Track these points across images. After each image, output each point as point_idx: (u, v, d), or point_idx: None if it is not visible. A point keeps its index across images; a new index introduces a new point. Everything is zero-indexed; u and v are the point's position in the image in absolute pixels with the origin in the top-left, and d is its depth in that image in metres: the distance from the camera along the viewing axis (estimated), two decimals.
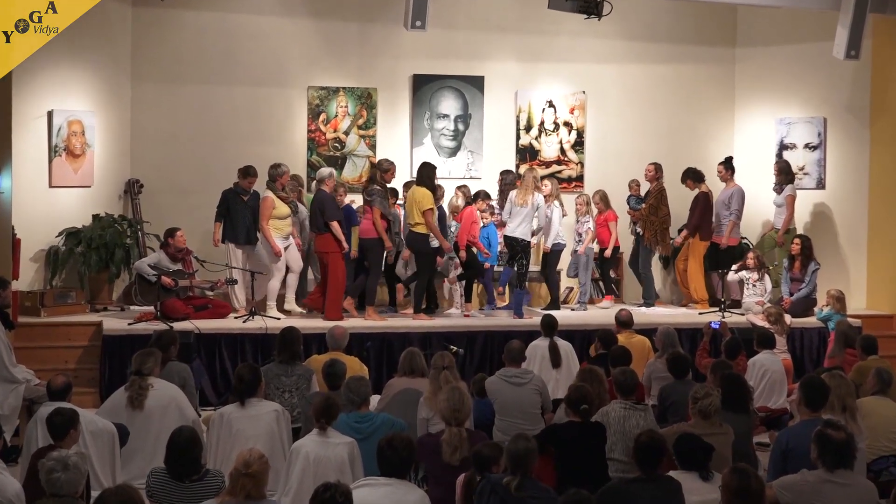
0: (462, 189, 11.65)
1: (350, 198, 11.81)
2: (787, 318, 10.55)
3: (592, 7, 10.53)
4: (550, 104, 12.99)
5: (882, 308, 12.01)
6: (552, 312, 10.26)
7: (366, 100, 12.53)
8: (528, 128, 12.95)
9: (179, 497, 5.45)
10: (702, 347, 9.54)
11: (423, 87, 12.68)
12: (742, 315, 11.23)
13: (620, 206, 12.35)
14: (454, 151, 12.79)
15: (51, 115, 10.84)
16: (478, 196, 11.45)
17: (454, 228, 11.26)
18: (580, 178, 13.03)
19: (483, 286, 11.73)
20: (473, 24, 12.79)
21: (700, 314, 11.45)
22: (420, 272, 10.83)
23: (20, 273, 10.27)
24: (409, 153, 12.61)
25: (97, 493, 5.17)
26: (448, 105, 12.74)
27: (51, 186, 10.90)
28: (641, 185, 12.34)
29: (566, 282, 12.25)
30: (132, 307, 10.76)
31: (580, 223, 11.88)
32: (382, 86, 12.61)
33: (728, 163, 12.16)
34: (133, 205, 11.71)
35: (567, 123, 13.03)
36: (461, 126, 12.79)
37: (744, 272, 11.70)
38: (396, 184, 11.38)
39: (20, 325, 9.77)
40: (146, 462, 6.86)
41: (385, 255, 11.01)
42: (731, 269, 11.77)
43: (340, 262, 10.56)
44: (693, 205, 12.07)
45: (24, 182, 10.54)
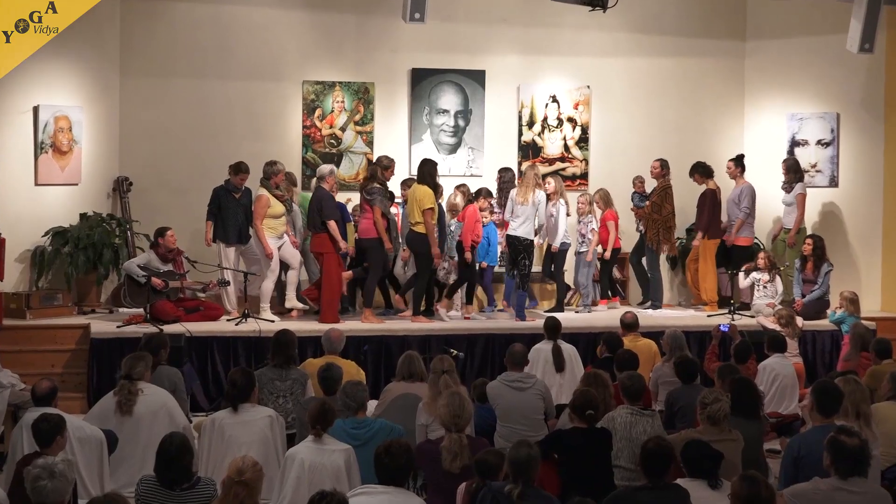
0: (461, 188, 11.65)
1: (347, 196, 11.83)
2: (799, 321, 10.56)
3: None
4: (554, 99, 12.99)
5: None
6: (556, 315, 10.26)
7: (363, 94, 12.53)
8: (531, 124, 12.95)
9: None
10: (710, 351, 9.55)
11: (422, 82, 12.68)
12: (752, 317, 11.24)
13: (625, 205, 12.35)
14: (454, 148, 12.78)
15: (37, 111, 10.83)
16: (479, 194, 11.45)
17: (454, 227, 11.26)
18: (584, 176, 13.03)
19: (483, 288, 11.73)
20: (474, 17, 12.79)
21: (709, 316, 11.45)
22: (420, 274, 10.83)
23: (5, 274, 10.25)
24: (408, 150, 12.60)
25: (84, 503, 5.17)
26: (448, 100, 12.74)
27: (37, 184, 10.89)
28: (646, 182, 12.34)
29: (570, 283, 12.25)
30: (121, 309, 10.76)
31: (582, 223, 11.88)
32: (380, 80, 12.61)
33: (739, 160, 12.15)
34: (122, 203, 11.71)
35: (571, 119, 13.03)
36: (461, 122, 12.79)
37: (754, 273, 11.69)
38: (394, 181, 11.37)
39: (5, 328, 9.77)
40: (135, 470, 6.86)
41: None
42: (741, 271, 11.76)
43: (335, 264, 10.56)
44: (700, 203, 12.07)
45: (9, 180, 10.55)
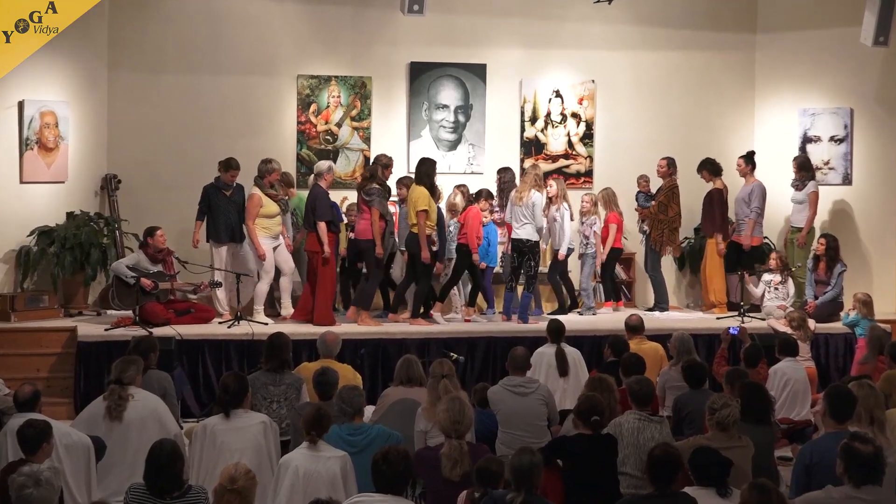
0: (460, 188, 11.63)
1: (343, 194, 11.82)
2: (811, 324, 10.55)
3: None
4: (557, 94, 12.99)
5: None
6: (559, 317, 10.26)
7: (360, 89, 12.53)
8: (534, 119, 12.96)
9: None
10: (719, 355, 9.55)
11: (421, 76, 12.68)
12: (763, 320, 11.23)
13: (630, 204, 12.35)
14: (454, 145, 12.79)
15: (22, 106, 10.83)
16: (480, 195, 11.43)
17: (453, 228, 11.26)
18: (589, 174, 13.04)
19: (482, 290, 11.72)
20: (475, 9, 12.79)
21: (718, 319, 11.45)
22: (421, 276, 10.82)
23: None
24: (406, 146, 12.61)
25: None
26: (448, 95, 12.75)
27: (22, 182, 10.90)
28: (652, 182, 12.34)
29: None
30: (109, 311, 10.77)
31: (585, 224, 11.87)
32: (377, 74, 12.61)
33: (749, 157, 12.14)
34: (110, 202, 11.72)
35: (575, 115, 13.03)
36: (462, 117, 12.79)
37: (766, 275, 11.68)
38: (391, 180, 11.36)
39: None
40: (124, 478, 6.85)
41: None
42: (755, 273, 11.74)
43: (330, 264, 10.56)
44: (706, 202, 12.07)
45: None
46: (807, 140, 12.89)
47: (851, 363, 10.32)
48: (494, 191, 11.80)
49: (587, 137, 13.08)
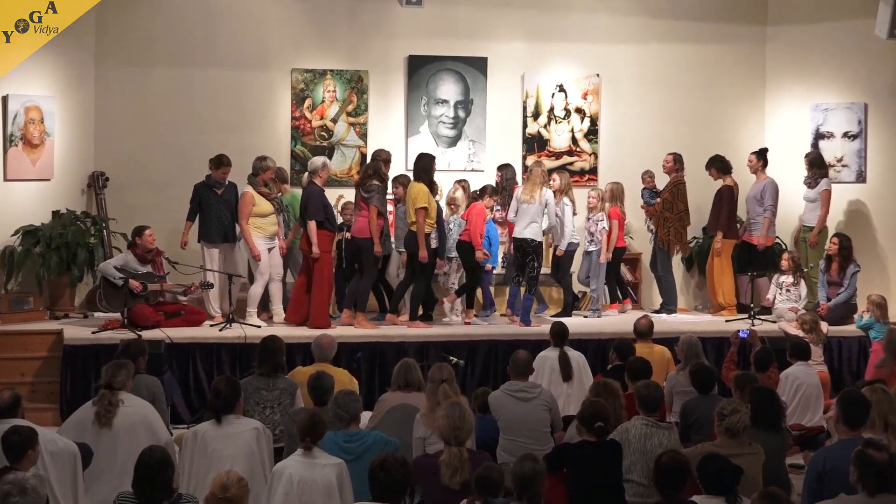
0: (461, 182, 11.64)
1: (339, 192, 11.81)
2: (824, 327, 10.55)
3: None
4: (561, 88, 13.00)
5: None
6: (563, 320, 10.25)
7: (356, 84, 12.54)
8: (536, 115, 12.96)
9: None
10: (729, 359, 9.54)
11: (420, 70, 12.69)
12: (774, 323, 11.24)
13: (635, 202, 12.35)
14: (454, 141, 12.79)
15: (6, 101, 10.84)
16: (484, 192, 11.43)
17: (453, 225, 11.25)
18: (594, 171, 13.04)
19: (481, 290, 11.72)
20: (475, 0, 12.79)
21: (727, 321, 11.45)
22: (419, 276, 10.83)
23: None
24: (404, 143, 12.61)
25: None
26: (447, 89, 12.75)
27: (5, 180, 10.90)
28: (657, 178, 12.33)
29: (577, 286, 12.23)
30: (96, 314, 10.76)
31: (591, 221, 11.88)
32: (374, 68, 12.62)
33: (761, 153, 12.11)
34: (97, 200, 11.72)
35: (579, 110, 13.04)
36: (462, 113, 12.80)
37: (777, 276, 11.67)
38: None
39: None
40: (112, 486, 6.83)
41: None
42: (764, 275, 11.75)
43: (327, 264, 10.57)
44: (716, 200, 12.07)
45: None
46: (819, 136, 12.89)
47: (865, 367, 10.32)
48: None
49: (591, 133, 13.08)
